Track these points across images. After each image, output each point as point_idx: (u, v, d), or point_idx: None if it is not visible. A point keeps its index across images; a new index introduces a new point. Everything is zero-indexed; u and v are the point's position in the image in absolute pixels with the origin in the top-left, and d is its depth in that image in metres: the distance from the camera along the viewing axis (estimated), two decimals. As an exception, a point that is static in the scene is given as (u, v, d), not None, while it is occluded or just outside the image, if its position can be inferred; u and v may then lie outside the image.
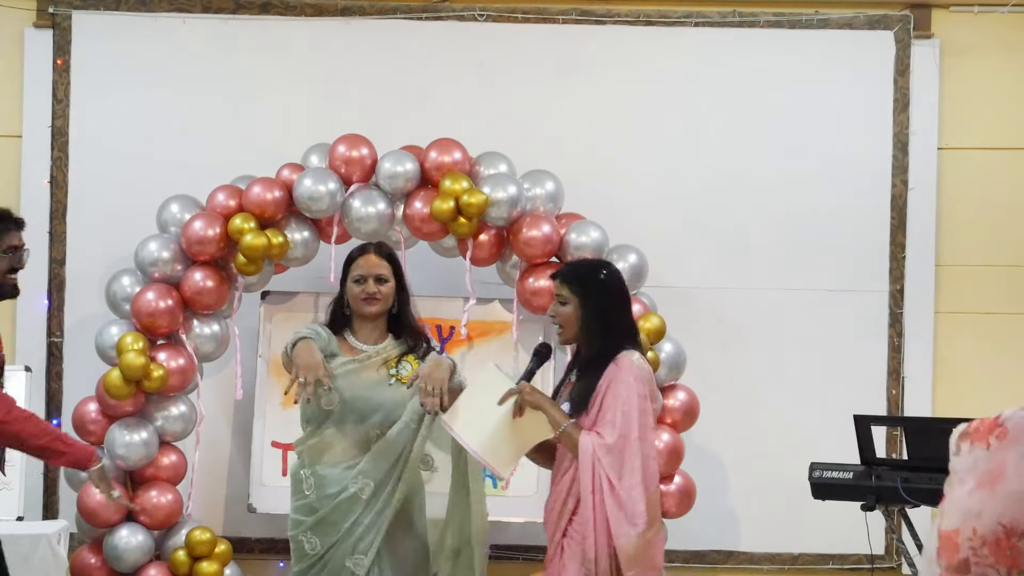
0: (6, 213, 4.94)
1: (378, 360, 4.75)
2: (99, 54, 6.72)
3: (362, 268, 4.81)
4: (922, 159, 6.75)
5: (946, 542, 2.29)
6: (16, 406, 4.74)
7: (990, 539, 2.24)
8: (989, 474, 2.32)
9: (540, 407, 4.37)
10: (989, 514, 2.26)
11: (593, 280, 4.48)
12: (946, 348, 6.74)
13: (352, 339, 4.80)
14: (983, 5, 6.76)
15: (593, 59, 6.76)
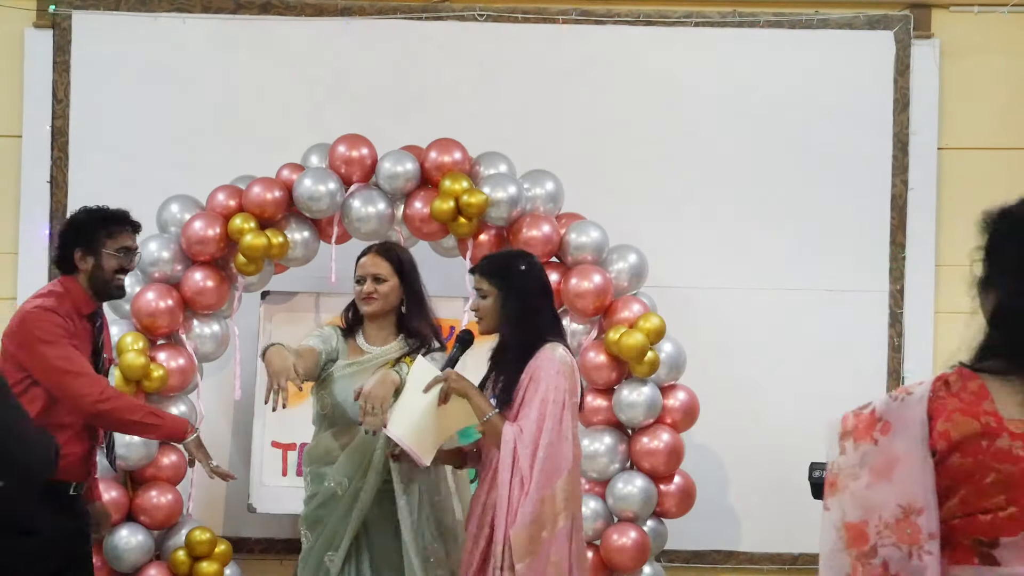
0: (123, 214, 4.99)
1: (379, 362, 4.81)
2: (99, 54, 6.72)
3: (361, 268, 4.90)
4: (922, 159, 6.75)
5: (854, 532, 2.53)
6: (108, 385, 4.89)
7: (892, 522, 2.50)
8: (883, 466, 2.54)
9: (465, 394, 4.41)
10: (890, 501, 2.50)
11: (512, 272, 4.54)
12: (946, 348, 6.73)
13: (361, 340, 4.90)
14: (983, 5, 6.76)
15: (593, 59, 6.76)
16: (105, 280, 4.90)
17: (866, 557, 2.54)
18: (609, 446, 6.12)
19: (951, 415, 2.54)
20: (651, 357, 6.04)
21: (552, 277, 6.15)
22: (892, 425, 2.59)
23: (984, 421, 2.52)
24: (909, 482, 2.51)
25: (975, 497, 2.50)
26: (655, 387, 6.13)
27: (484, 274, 4.56)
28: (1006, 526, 2.47)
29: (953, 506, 2.52)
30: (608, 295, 6.15)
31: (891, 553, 2.52)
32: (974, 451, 2.50)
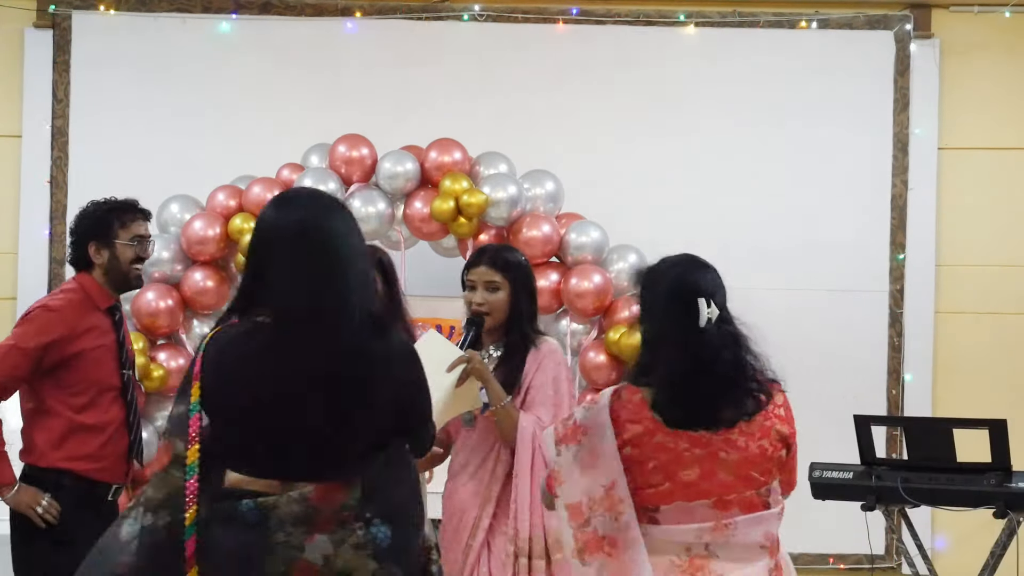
0: (133, 202, 4.94)
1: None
2: (99, 54, 6.72)
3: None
4: (922, 159, 6.75)
5: (574, 510, 3.48)
6: None
7: (598, 498, 3.44)
8: (588, 459, 3.46)
9: (484, 378, 4.41)
10: (595, 485, 3.44)
11: (522, 266, 4.58)
12: (946, 348, 6.74)
13: None
14: (983, 5, 6.76)
15: (593, 59, 6.76)
16: (122, 271, 4.87)
17: (582, 527, 3.48)
18: (609, 446, 6.11)
19: (624, 421, 3.43)
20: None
21: (552, 277, 6.16)
22: (589, 429, 3.46)
23: (645, 425, 3.42)
24: (606, 467, 3.43)
25: (643, 477, 3.44)
26: (655, 387, 6.13)
27: (497, 268, 4.54)
28: (663, 496, 3.44)
29: (630, 482, 3.45)
30: (608, 295, 6.15)
31: (600, 521, 3.45)
32: (641, 445, 3.43)
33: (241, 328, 3.10)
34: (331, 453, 3.04)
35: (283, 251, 3.07)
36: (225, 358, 3.09)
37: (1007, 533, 5.37)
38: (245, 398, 3.06)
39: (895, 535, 6.36)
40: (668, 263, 3.65)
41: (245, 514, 3.02)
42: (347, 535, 3.02)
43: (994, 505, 5.23)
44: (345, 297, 3.04)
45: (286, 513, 3.02)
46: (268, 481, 3.05)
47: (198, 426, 3.13)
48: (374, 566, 3.02)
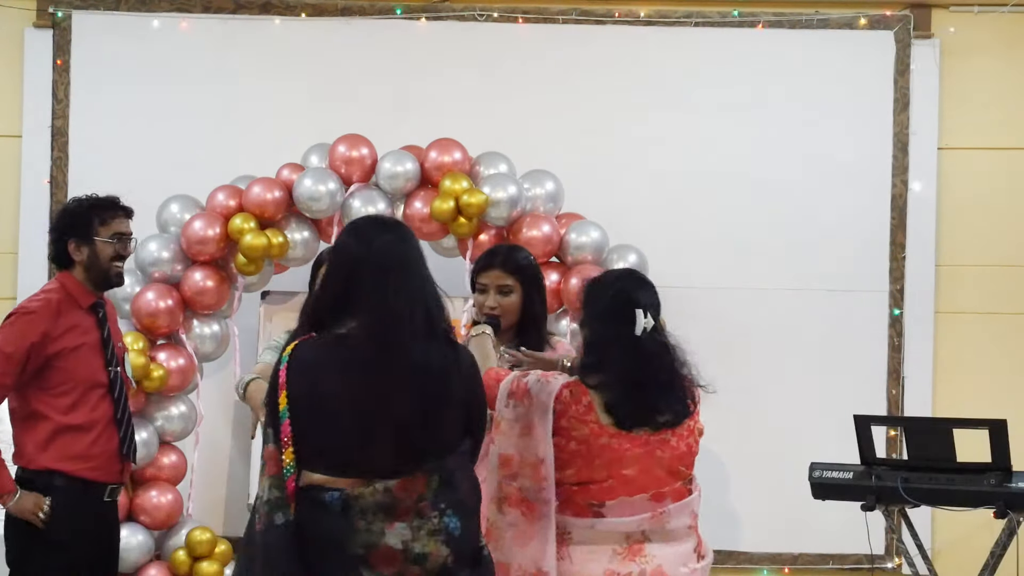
0: (114, 199, 4.91)
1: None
2: (99, 54, 6.72)
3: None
4: (922, 159, 6.74)
5: (504, 460, 3.91)
6: None
7: (528, 464, 3.86)
8: (526, 425, 3.87)
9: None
10: (528, 451, 3.86)
11: (535, 269, 4.57)
12: (946, 348, 6.74)
13: None
14: (983, 5, 6.76)
15: (593, 59, 6.76)
16: (102, 269, 4.85)
17: (509, 480, 3.90)
18: (609, 446, 6.12)
19: (571, 418, 3.85)
20: (651, 357, 6.03)
21: (552, 277, 6.16)
22: (534, 400, 3.87)
23: (591, 427, 3.84)
24: (539, 442, 3.85)
25: (587, 473, 3.85)
26: (655, 387, 6.12)
27: (509, 270, 4.49)
28: (608, 492, 3.86)
29: (571, 475, 3.87)
30: (608, 295, 6.14)
31: (525, 483, 3.88)
32: (587, 443, 3.84)
33: (325, 340, 3.45)
34: (410, 453, 3.39)
35: (375, 275, 3.43)
36: (312, 368, 3.42)
37: (1007, 533, 5.37)
38: (333, 404, 3.39)
39: (895, 535, 6.35)
40: (612, 276, 4.18)
41: (330, 504, 3.36)
42: (424, 523, 3.38)
43: (994, 505, 5.23)
44: (427, 314, 3.45)
45: (369, 503, 3.36)
46: (349, 480, 3.37)
47: (289, 431, 3.40)
48: (446, 551, 3.38)
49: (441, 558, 3.38)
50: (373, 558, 3.36)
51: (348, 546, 3.36)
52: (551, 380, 3.90)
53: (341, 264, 3.51)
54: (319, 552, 3.38)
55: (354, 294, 3.44)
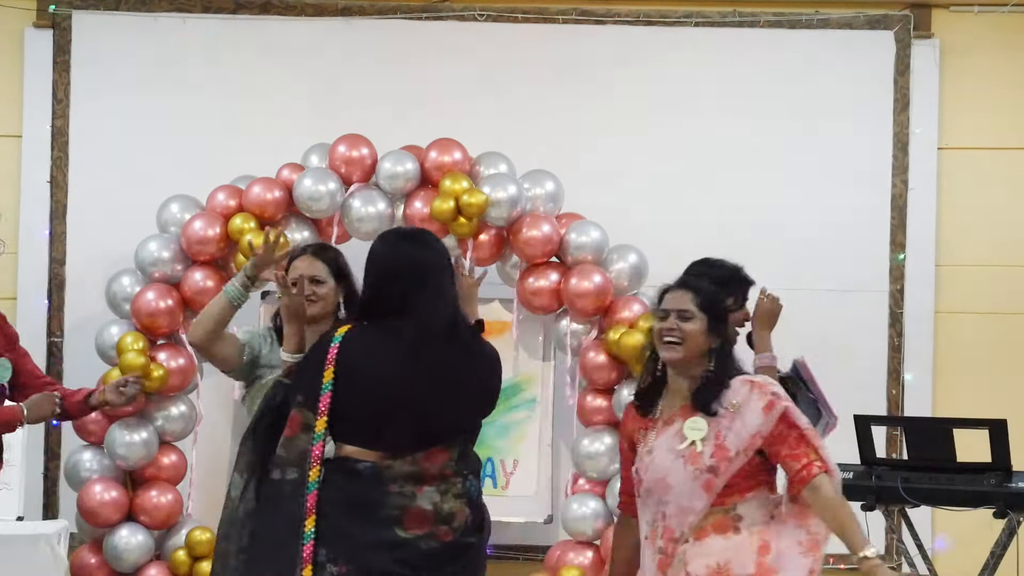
0: None
1: None
2: (99, 54, 6.72)
3: (295, 270, 4.61)
4: (922, 159, 6.74)
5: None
6: None
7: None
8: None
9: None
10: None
11: (722, 295, 4.28)
12: (946, 348, 6.74)
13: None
14: (983, 5, 6.76)
15: (593, 59, 6.76)
16: None
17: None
18: (609, 446, 6.12)
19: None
20: (651, 357, 6.03)
21: (552, 277, 6.17)
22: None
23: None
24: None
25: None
26: (655, 387, 6.12)
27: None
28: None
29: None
30: (608, 295, 6.15)
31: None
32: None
33: (376, 329, 3.87)
34: (437, 430, 3.83)
35: (427, 279, 3.88)
36: (363, 350, 3.84)
37: (1007, 533, 5.37)
38: (373, 386, 3.80)
39: (895, 535, 6.35)
40: None
41: (363, 471, 3.79)
42: (450, 487, 3.83)
43: (994, 505, 5.23)
44: (452, 319, 3.90)
45: (399, 472, 3.79)
46: (379, 453, 3.79)
47: (328, 402, 3.81)
48: (467, 512, 3.84)
49: (464, 517, 3.83)
50: (407, 519, 3.77)
51: (383, 508, 3.76)
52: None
53: (401, 269, 3.90)
54: (352, 514, 3.78)
55: (410, 295, 3.86)
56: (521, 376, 6.42)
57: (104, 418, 6.15)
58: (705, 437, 3.95)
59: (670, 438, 3.98)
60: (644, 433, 4.05)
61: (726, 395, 3.95)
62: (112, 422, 6.13)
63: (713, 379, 3.97)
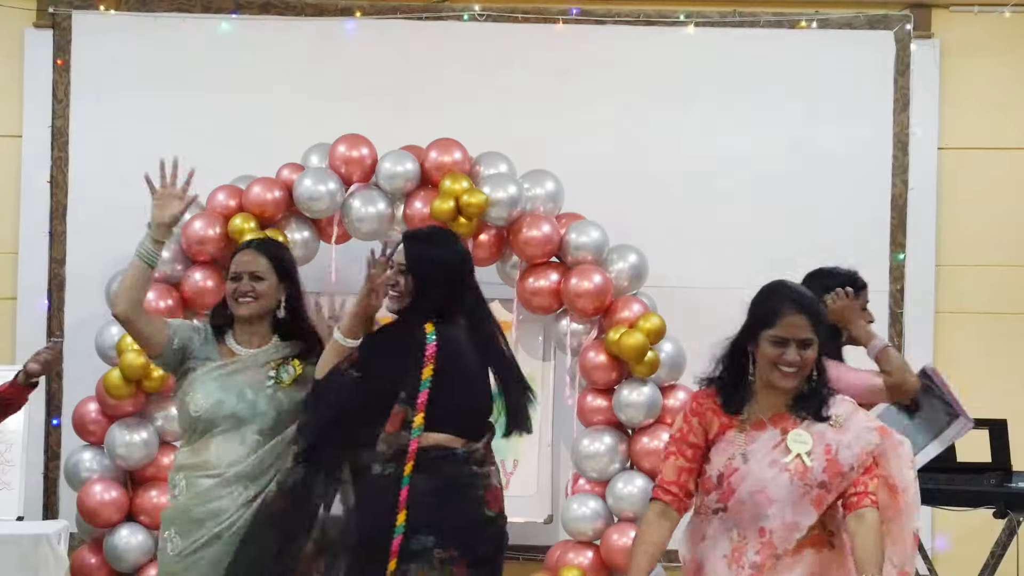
0: None
1: (258, 362, 4.50)
2: (99, 54, 6.72)
3: (237, 265, 4.53)
4: (922, 159, 6.75)
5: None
6: None
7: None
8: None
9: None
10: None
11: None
12: (946, 348, 6.74)
13: (232, 342, 4.54)
14: (983, 5, 6.76)
15: (593, 59, 6.76)
16: None
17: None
18: (609, 446, 6.12)
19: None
20: (651, 357, 6.04)
21: (552, 277, 6.17)
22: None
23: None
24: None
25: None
26: (655, 387, 6.13)
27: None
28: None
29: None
30: (608, 295, 6.15)
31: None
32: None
33: (456, 327, 4.26)
34: (488, 416, 4.33)
35: (472, 277, 4.41)
36: (453, 348, 4.22)
37: (1007, 533, 5.38)
38: (462, 379, 4.22)
39: (895, 535, 6.34)
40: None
41: (457, 456, 4.19)
42: (495, 467, 4.31)
43: (994, 505, 5.24)
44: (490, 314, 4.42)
45: (475, 457, 4.23)
46: (462, 440, 4.20)
47: (425, 398, 4.15)
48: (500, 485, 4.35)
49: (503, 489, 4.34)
50: (489, 497, 4.23)
51: (473, 488, 4.20)
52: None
53: (462, 268, 4.36)
54: (447, 499, 4.15)
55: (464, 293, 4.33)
56: (521, 376, 6.41)
57: (104, 418, 6.16)
58: (811, 451, 3.81)
59: (768, 447, 3.83)
60: (732, 434, 3.88)
61: (829, 406, 3.86)
62: (112, 422, 6.14)
63: (817, 388, 3.86)
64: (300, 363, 4.50)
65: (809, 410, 3.83)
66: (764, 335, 3.86)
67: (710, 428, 3.89)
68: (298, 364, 4.50)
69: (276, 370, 4.49)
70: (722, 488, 3.82)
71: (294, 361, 4.51)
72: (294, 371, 4.49)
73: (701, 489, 3.91)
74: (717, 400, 3.94)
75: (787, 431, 3.83)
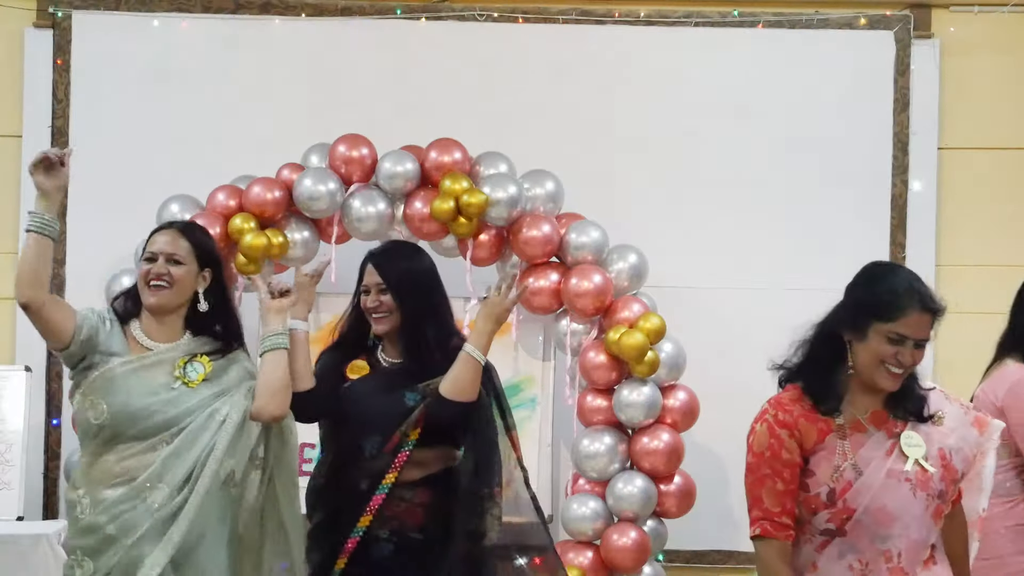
0: None
1: (167, 359, 4.13)
2: (99, 54, 6.72)
3: (153, 244, 4.18)
4: (922, 159, 6.74)
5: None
6: None
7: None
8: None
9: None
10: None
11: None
12: (946, 348, 6.73)
13: (139, 333, 4.16)
14: (983, 5, 6.76)
15: (593, 59, 6.76)
16: None
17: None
18: (609, 446, 6.12)
19: None
20: (651, 357, 6.03)
21: (552, 277, 6.17)
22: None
23: None
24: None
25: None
26: (655, 387, 6.13)
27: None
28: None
29: None
30: (608, 295, 6.15)
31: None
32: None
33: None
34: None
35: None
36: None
37: (1007, 533, 5.35)
38: None
39: (895, 535, 6.34)
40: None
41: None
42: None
43: (995, 505, 5.21)
44: None
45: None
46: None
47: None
48: None
49: None
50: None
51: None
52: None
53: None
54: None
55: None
56: (521, 376, 6.41)
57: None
58: (927, 455, 3.36)
59: (879, 454, 3.37)
60: (832, 441, 3.41)
61: (928, 403, 3.47)
62: (112, 422, 6.13)
63: (911, 384, 3.47)
64: (209, 360, 4.14)
65: (910, 409, 3.42)
66: (877, 327, 3.43)
67: (806, 439, 3.41)
68: (207, 361, 4.14)
69: (183, 368, 4.11)
70: (835, 507, 3.32)
71: (202, 357, 4.14)
72: (203, 368, 4.12)
73: (803, 509, 3.38)
74: (805, 402, 3.48)
75: (892, 433, 3.39)
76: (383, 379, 4.46)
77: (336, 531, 4.33)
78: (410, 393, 4.39)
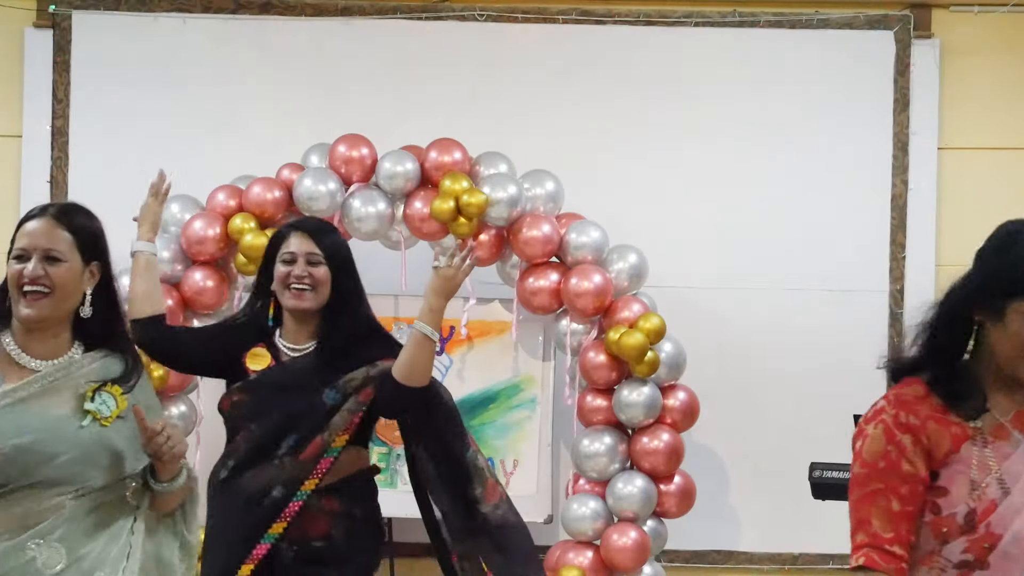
0: None
1: (64, 383, 3.15)
2: (99, 54, 6.72)
3: (24, 237, 3.18)
4: (922, 159, 6.74)
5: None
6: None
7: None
8: None
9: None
10: None
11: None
12: (946, 348, 6.73)
13: (13, 347, 3.16)
14: (983, 5, 6.76)
15: (593, 59, 6.76)
16: None
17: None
18: (609, 446, 6.12)
19: None
20: (651, 357, 6.04)
21: (552, 277, 6.17)
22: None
23: None
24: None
25: None
26: (655, 387, 6.13)
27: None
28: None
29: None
30: (608, 295, 6.15)
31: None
32: None
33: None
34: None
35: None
36: None
37: (1007, 533, 5.35)
38: None
39: (895, 535, 6.34)
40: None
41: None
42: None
43: (994, 505, 5.21)
44: None
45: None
46: None
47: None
48: None
49: None
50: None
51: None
52: None
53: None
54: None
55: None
56: (521, 376, 6.41)
57: (104, 418, 6.14)
58: None
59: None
60: (969, 450, 2.70)
61: None
62: (112, 422, 6.12)
63: None
64: (120, 390, 3.19)
65: None
66: (1016, 307, 2.76)
67: (937, 446, 2.68)
68: (119, 392, 3.18)
69: (92, 400, 3.14)
70: (975, 533, 2.64)
71: (113, 388, 3.18)
72: (115, 403, 3.17)
73: (931, 535, 2.70)
74: (934, 400, 2.73)
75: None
76: (295, 374, 4.22)
77: (240, 534, 4.13)
78: (330, 391, 4.18)
